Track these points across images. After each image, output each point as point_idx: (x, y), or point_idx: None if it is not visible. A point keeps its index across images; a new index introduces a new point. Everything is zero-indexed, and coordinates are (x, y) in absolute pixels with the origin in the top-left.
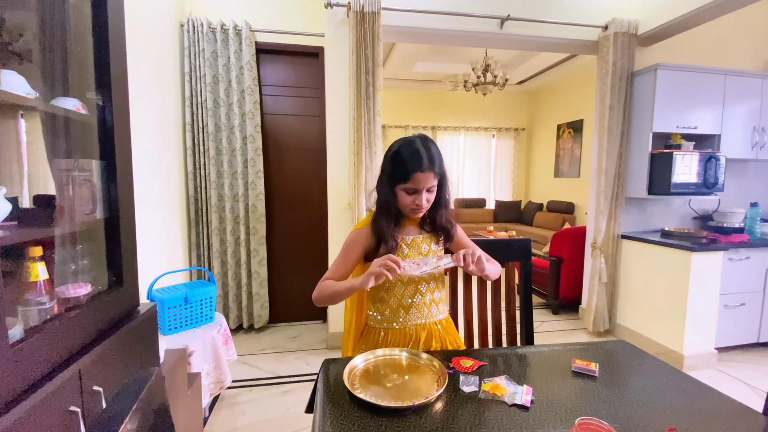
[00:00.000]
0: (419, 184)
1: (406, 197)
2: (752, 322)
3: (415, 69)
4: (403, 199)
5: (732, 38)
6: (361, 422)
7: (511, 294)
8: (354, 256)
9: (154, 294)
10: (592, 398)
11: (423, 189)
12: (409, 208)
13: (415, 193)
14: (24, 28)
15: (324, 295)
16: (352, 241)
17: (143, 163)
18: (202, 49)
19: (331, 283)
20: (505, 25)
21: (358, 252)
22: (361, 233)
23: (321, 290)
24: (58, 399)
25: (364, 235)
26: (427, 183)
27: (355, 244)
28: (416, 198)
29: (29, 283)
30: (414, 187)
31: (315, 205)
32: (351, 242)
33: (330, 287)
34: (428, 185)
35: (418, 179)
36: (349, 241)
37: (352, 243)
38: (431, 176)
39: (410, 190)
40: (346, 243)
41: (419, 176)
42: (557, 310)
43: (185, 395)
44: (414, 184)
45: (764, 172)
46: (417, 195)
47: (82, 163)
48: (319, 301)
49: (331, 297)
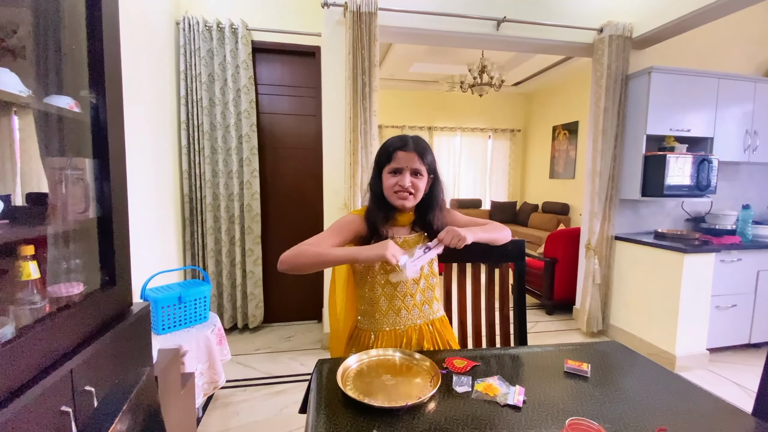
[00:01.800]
0: (401, 162)
1: (390, 179)
2: (743, 324)
3: (411, 69)
4: (386, 182)
5: (725, 42)
6: (355, 422)
7: (505, 294)
8: (343, 236)
9: (148, 293)
10: (584, 399)
11: (406, 168)
12: (392, 191)
13: (398, 174)
14: (17, 24)
15: (302, 257)
16: (348, 222)
17: (137, 161)
18: (197, 47)
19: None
20: (501, 26)
21: (350, 234)
22: (356, 219)
23: (299, 251)
24: (49, 399)
25: (358, 221)
26: (409, 162)
27: (350, 225)
28: (400, 179)
29: (21, 283)
30: (396, 166)
31: (311, 204)
32: (346, 222)
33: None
34: (412, 165)
35: (400, 157)
36: (344, 221)
37: (347, 223)
38: (415, 157)
39: (393, 170)
40: (340, 221)
41: (400, 154)
42: (551, 310)
43: (178, 395)
44: (396, 163)
45: (756, 174)
46: (401, 176)
47: (75, 161)
48: (292, 264)
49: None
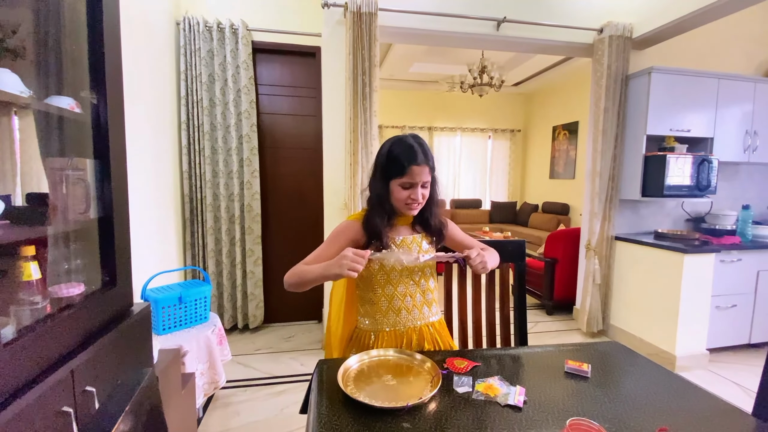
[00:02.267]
0: (415, 177)
1: (402, 192)
2: (743, 324)
3: (411, 70)
4: (398, 194)
5: (725, 42)
6: (355, 423)
7: (506, 295)
8: (342, 244)
9: (148, 294)
10: (584, 399)
11: (419, 183)
12: (404, 203)
13: (411, 188)
14: (17, 24)
15: (293, 279)
16: (342, 230)
17: (138, 162)
18: (198, 47)
19: (305, 267)
20: (501, 27)
21: (344, 243)
22: (352, 225)
23: (293, 272)
24: (50, 400)
25: (355, 228)
26: (422, 176)
27: (344, 234)
28: (412, 192)
29: (22, 283)
30: (410, 181)
31: (311, 204)
32: (341, 230)
33: (298, 271)
34: (424, 179)
35: (415, 172)
36: (338, 230)
37: (341, 232)
38: (426, 170)
39: (406, 184)
40: (335, 230)
41: (415, 169)
42: (551, 310)
43: (179, 395)
44: (410, 178)
45: (756, 174)
46: (413, 189)
47: (75, 161)
48: (288, 284)
49: (299, 282)
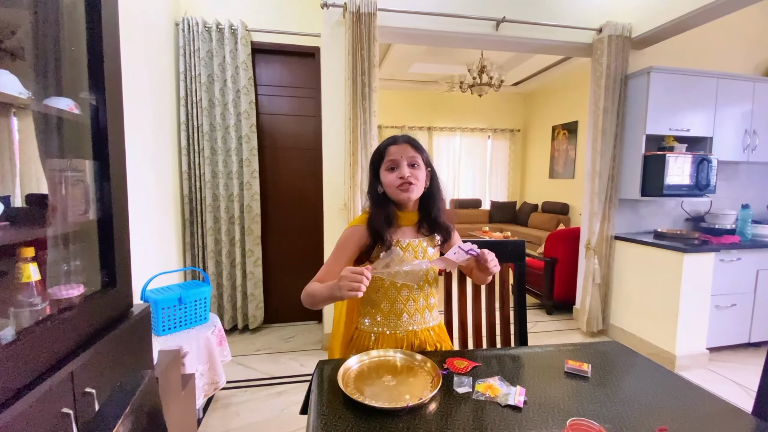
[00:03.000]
0: (395, 154)
1: (389, 176)
2: (743, 323)
3: (411, 70)
4: (386, 179)
5: (724, 42)
6: (355, 423)
7: (505, 295)
8: (347, 254)
9: (148, 294)
10: (584, 399)
11: (402, 158)
12: (395, 187)
13: (397, 169)
14: (16, 25)
15: (307, 299)
16: (346, 239)
17: (137, 163)
18: (197, 48)
19: (315, 287)
20: (500, 27)
21: (351, 250)
22: (356, 230)
23: (306, 293)
24: (50, 401)
25: (359, 233)
26: (404, 153)
27: (349, 241)
28: (398, 171)
29: (21, 284)
30: (392, 159)
31: (310, 205)
32: (345, 240)
33: (310, 291)
34: (407, 154)
35: (393, 151)
36: (342, 239)
37: (346, 239)
38: (408, 147)
39: (390, 165)
40: (340, 239)
41: (393, 148)
42: (551, 310)
43: (179, 396)
44: (391, 156)
45: (755, 174)
46: (399, 169)
47: (75, 162)
48: (305, 304)
49: (312, 303)
